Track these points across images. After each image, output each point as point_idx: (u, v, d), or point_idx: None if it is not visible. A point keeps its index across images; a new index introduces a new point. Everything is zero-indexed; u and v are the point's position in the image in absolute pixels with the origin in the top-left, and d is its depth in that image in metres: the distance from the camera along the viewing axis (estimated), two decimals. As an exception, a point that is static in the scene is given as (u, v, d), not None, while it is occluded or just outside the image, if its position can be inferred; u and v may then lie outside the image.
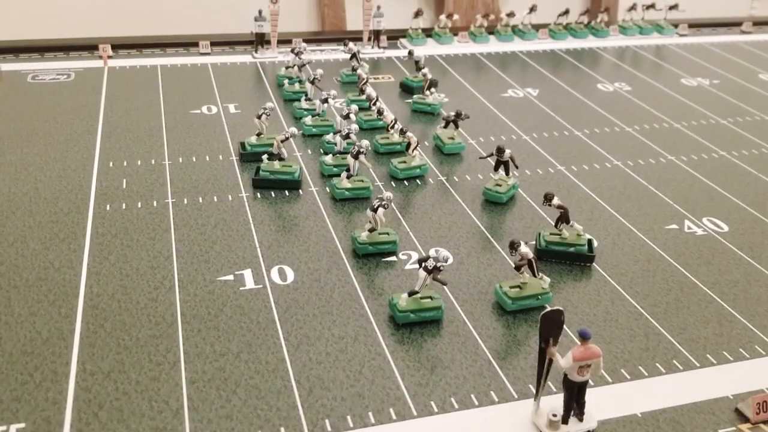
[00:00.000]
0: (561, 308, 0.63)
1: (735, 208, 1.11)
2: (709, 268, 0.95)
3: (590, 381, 0.73)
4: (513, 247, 0.83)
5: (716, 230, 1.04)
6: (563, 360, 0.64)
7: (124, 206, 1.02)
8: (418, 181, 1.15)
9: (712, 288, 0.91)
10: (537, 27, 1.90)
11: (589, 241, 0.96)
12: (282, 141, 1.10)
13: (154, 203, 1.04)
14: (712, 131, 1.39)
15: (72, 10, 1.86)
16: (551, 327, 0.64)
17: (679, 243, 1.01)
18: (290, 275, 0.90)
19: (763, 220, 1.07)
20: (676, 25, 2.02)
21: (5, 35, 1.70)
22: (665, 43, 1.96)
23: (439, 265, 0.80)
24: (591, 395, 0.71)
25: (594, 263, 0.94)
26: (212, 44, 1.69)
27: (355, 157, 1.07)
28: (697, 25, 2.08)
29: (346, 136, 1.15)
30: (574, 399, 0.67)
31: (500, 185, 1.09)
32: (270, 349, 0.77)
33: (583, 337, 0.64)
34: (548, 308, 0.74)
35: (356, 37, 1.77)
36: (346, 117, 1.20)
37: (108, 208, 1.02)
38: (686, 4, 2.00)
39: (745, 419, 0.70)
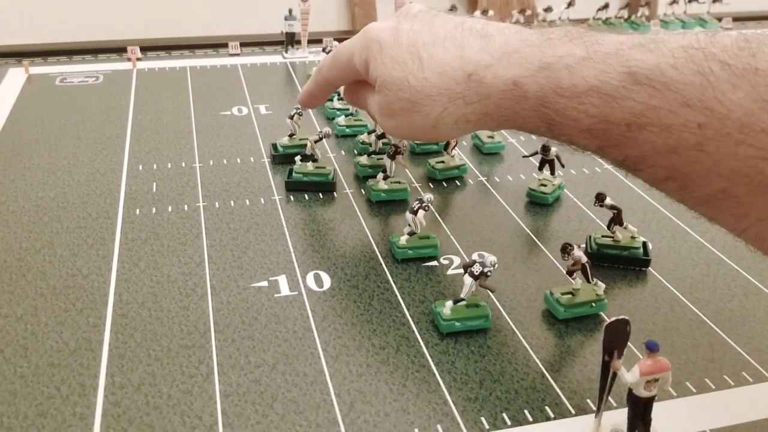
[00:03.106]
0: (627, 318, 0.58)
1: (796, 208, 1.04)
2: (774, 271, 0.89)
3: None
4: (565, 250, 0.78)
5: (778, 231, 0.98)
6: (629, 374, 0.59)
7: (154, 210, 0.99)
8: (457, 182, 1.10)
9: (778, 293, 0.85)
10: (575, 22, 1.84)
11: (644, 244, 0.90)
12: (315, 141, 1.06)
13: (185, 207, 1.00)
14: (766, 127, 1.32)
15: (100, 12, 1.84)
16: (616, 338, 0.58)
17: (739, 245, 0.92)
18: (327, 281, 0.85)
19: (828, 220, 1.00)
20: (719, 19, 1.94)
21: (33, 38, 1.68)
22: (708, 37, 1.89)
23: (486, 270, 0.75)
24: (656, 411, 0.65)
25: (649, 267, 0.89)
26: (242, 45, 1.66)
27: (392, 157, 1.02)
28: (741, 19, 2.00)
29: (381, 136, 1.10)
30: (640, 416, 0.61)
31: (545, 185, 1.04)
32: (307, 360, 0.73)
33: (651, 349, 0.58)
34: (609, 318, 0.68)
35: (388, 35, 1.72)
36: (382, 116, 1.16)
37: (137, 212, 0.98)
38: (730, -3, 1.93)
39: (827, 438, 0.64)
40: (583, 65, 0.58)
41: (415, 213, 0.88)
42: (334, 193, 1.05)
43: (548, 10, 1.83)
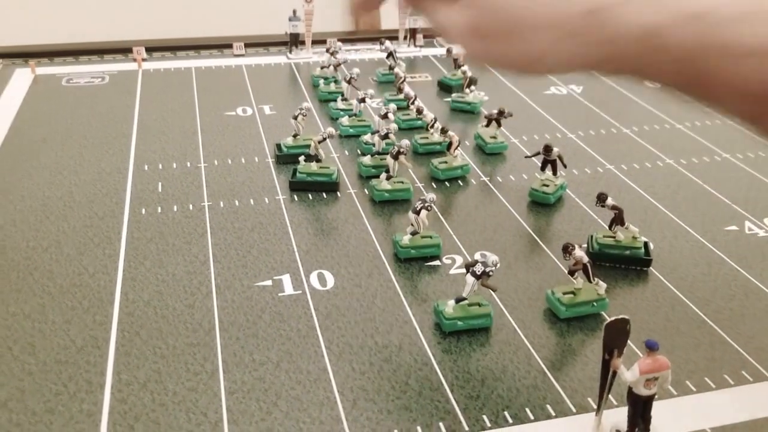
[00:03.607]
0: (626, 317, 0.59)
1: (798, 208, 1.04)
2: (775, 271, 0.90)
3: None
4: (567, 250, 0.78)
5: (779, 231, 0.98)
6: (629, 373, 0.59)
7: (159, 210, 1.00)
8: (459, 181, 1.11)
9: (779, 293, 0.85)
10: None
11: (645, 244, 0.91)
12: (319, 142, 1.07)
13: (190, 206, 1.01)
14: (768, 127, 1.33)
15: (106, 13, 1.85)
16: (616, 337, 0.59)
17: (740, 245, 0.95)
18: (330, 280, 0.86)
19: (830, 221, 1.01)
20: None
21: (40, 39, 1.69)
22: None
23: (488, 270, 0.76)
24: (656, 409, 0.66)
25: (650, 267, 0.89)
26: (246, 45, 1.67)
27: (395, 157, 1.03)
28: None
29: (385, 136, 1.11)
30: (640, 414, 0.62)
31: (547, 185, 1.04)
32: (311, 359, 0.74)
33: (651, 348, 0.59)
34: (610, 317, 0.69)
35: (391, 35, 1.73)
36: (385, 117, 1.17)
37: (143, 211, 0.99)
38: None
39: (826, 436, 0.65)
40: (748, 19, 0.49)
41: (417, 213, 0.89)
42: (338, 192, 1.06)
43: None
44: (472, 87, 1.39)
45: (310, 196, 1.05)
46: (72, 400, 0.68)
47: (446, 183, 1.10)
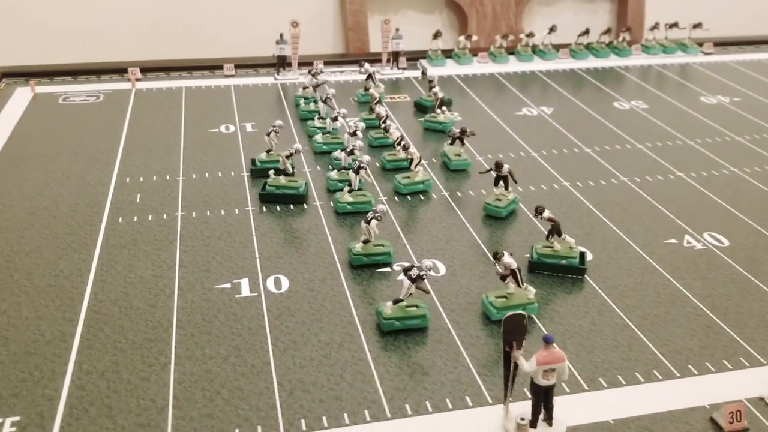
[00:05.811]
0: (523, 312, 0.65)
1: (739, 224, 1.10)
2: (704, 282, 0.95)
3: (565, 387, 0.75)
4: (496, 257, 0.85)
5: (716, 245, 1.04)
6: (527, 364, 0.65)
7: (135, 219, 1.07)
8: (421, 196, 1.17)
9: (703, 301, 0.91)
10: (558, 47, 1.91)
11: (582, 254, 0.97)
12: (287, 157, 1.14)
13: (164, 216, 1.08)
14: (726, 148, 1.39)
15: (105, 35, 1.94)
16: (514, 330, 0.65)
17: (676, 257, 1.00)
18: (285, 284, 0.93)
19: (766, 235, 1.06)
20: (700, 44, 2.00)
21: (41, 59, 1.79)
22: (689, 61, 1.95)
23: (422, 273, 0.82)
24: (565, 401, 0.72)
25: (586, 276, 0.95)
26: (237, 67, 1.75)
27: (356, 172, 1.10)
28: (722, 44, 2.06)
29: (351, 152, 1.18)
30: (542, 403, 0.68)
31: (500, 200, 1.11)
32: (257, 353, 0.80)
33: (547, 342, 0.65)
34: (540, 320, 0.75)
35: (376, 59, 1.81)
36: (353, 134, 1.24)
37: (120, 220, 1.07)
38: (712, 23, 1.99)
39: (719, 429, 0.70)
40: None
41: (368, 222, 0.96)
42: (305, 205, 1.13)
43: (530, 35, 1.90)
44: (444, 108, 1.46)
45: (278, 207, 1.12)
46: (36, 386, 0.75)
47: (408, 197, 1.17)
